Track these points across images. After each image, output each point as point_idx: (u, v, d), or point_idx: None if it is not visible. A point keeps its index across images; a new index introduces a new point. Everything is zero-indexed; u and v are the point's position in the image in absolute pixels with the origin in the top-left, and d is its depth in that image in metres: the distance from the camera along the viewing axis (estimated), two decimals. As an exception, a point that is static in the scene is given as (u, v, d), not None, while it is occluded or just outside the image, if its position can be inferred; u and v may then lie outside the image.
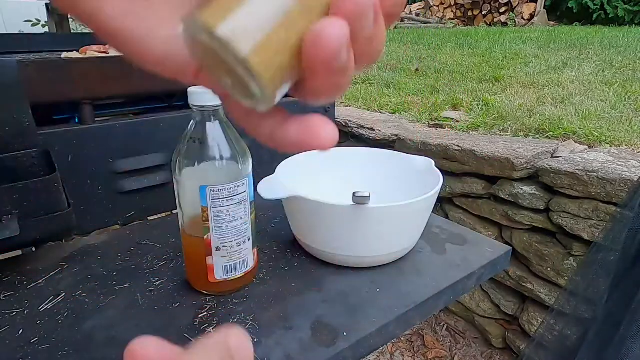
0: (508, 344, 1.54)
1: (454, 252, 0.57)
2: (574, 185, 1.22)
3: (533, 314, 1.43)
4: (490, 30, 5.14)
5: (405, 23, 6.77)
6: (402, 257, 0.55)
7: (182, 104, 0.72)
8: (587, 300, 0.90)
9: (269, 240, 0.59)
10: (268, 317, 0.44)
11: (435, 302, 0.49)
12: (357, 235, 0.49)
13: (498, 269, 0.56)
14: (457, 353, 1.59)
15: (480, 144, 1.46)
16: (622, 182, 1.13)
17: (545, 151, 1.38)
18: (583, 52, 3.18)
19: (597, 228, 1.21)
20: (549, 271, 1.35)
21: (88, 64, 0.54)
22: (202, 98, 0.41)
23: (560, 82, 2.35)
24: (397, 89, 2.51)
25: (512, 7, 6.22)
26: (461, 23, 6.73)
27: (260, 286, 0.49)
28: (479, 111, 2.00)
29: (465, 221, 1.59)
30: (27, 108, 0.49)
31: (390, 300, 0.46)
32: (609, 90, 2.10)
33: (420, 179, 0.58)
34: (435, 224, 0.64)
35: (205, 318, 0.44)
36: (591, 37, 3.88)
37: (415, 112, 2.09)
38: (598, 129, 1.61)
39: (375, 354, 1.58)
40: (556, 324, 1.00)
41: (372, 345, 0.43)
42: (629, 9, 5.36)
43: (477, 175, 1.49)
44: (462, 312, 1.70)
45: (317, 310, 0.45)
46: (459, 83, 2.53)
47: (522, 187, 1.37)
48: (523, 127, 1.74)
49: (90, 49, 0.78)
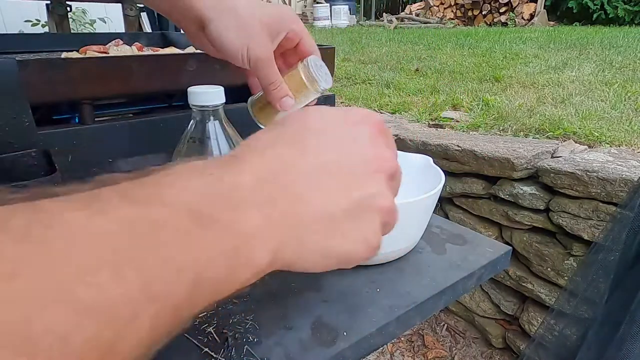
0: (508, 344, 1.54)
1: (454, 252, 0.57)
2: (574, 185, 1.22)
3: (533, 314, 1.43)
4: (490, 30, 5.14)
5: (405, 23, 6.77)
6: (402, 257, 0.55)
7: (182, 104, 0.72)
8: (587, 300, 0.90)
9: (269, 240, 0.59)
10: (268, 317, 0.44)
11: (435, 302, 0.49)
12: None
13: (498, 269, 0.56)
14: (457, 353, 1.59)
15: (480, 144, 1.46)
16: (622, 182, 1.13)
17: (545, 151, 1.38)
18: (583, 52, 3.18)
19: (597, 228, 1.21)
20: (549, 271, 1.35)
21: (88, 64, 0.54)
22: (202, 98, 0.41)
23: (560, 82, 2.35)
24: (397, 89, 2.51)
25: (512, 7, 6.22)
26: (461, 23, 6.73)
27: (260, 286, 0.49)
28: (479, 111, 2.00)
29: (465, 221, 1.59)
30: (27, 108, 0.49)
31: (390, 300, 0.46)
32: (609, 90, 2.10)
33: (420, 176, 0.58)
34: (435, 224, 0.64)
35: (205, 318, 0.44)
36: (591, 37, 3.89)
37: (415, 112, 2.09)
38: (598, 129, 1.61)
39: (375, 354, 1.58)
40: (556, 324, 1.00)
41: (372, 345, 0.43)
42: (629, 9, 5.36)
43: (477, 175, 1.49)
44: (462, 312, 1.70)
45: (317, 310, 0.45)
46: (459, 83, 2.53)
47: (522, 187, 1.37)
48: (523, 127, 1.74)
49: (90, 49, 0.78)
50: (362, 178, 0.24)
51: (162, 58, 0.60)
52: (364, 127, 0.26)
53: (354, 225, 0.23)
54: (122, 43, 0.87)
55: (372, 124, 0.27)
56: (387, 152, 0.26)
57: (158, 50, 0.82)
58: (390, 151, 0.27)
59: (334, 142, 0.25)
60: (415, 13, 7.20)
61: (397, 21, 6.64)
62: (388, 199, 0.25)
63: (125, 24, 1.45)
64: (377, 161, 0.25)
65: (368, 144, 0.25)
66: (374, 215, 0.24)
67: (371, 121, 0.27)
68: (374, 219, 0.24)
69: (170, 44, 0.99)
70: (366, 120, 0.27)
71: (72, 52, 0.78)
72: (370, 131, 0.26)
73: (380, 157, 0.26)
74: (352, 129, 0.26)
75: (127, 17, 1.44)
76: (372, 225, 0.24)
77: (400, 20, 6.82)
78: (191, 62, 0.59)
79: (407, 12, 7.40)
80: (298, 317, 0.44)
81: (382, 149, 0.26)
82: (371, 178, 0.25)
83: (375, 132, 0.26)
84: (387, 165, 0.26)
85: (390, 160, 0.26)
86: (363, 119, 0.27)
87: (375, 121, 0.27)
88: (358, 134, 0.26)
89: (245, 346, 0.40)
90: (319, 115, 0.26)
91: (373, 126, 0.26)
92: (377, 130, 0.27)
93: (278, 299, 0.47)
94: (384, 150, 0.26)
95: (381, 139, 0.27)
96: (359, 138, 0.25)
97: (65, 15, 1.37)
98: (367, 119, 0.27)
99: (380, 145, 0.26)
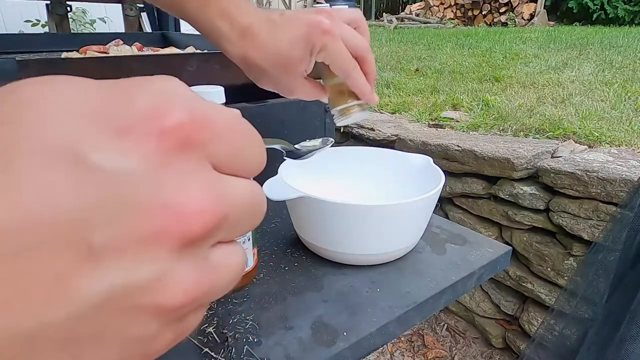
0: (508, 344, 1.54)
1: (454, 252, 0.57)
2: (574, 185, 1.22)
3: (533, 314, 1.43)
4: (490, 30, 5.14)
5: (405, 23, 6.77)
6: (402, 257, 0.55)
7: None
8: (587, 300, 0.90)
9: (269, 240, 0.59)
10: (268, 317, 0.44)
11: (435, 302, 0.49)
12: (365, 233, 0.49)
13: (498, 269, 0.56)
14: (457, 353, 1.59)
15: (480, 144, 1.46)
16: (622, 182, 1.13)
17: (545, 151, 1.38)
18: (583, 52, 3.18)
19: (597, 228, 1.21)
20: (549, 271, 1.35)
21: (88, 64, 0.54)
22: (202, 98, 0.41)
23: (560, 82, 2.35)
24: (397, 89, 2.51)
25: (512, 7, 6.22)
26: (461, 23, 6.73)
27: (260, 286, 0.49)
28: (479, 111, 2.00)
29: (465, 221, 1.59)
30: (27, 108, 0.49)
31: (390, 300, 0.46)
32: (609, 90, 2.10)
33: (420, 176, 0.59)
34: (435, 224, 0.64)
35: (205, 318, 0.44)
36: (591, 37, 3.88)
37: (415, 112, 2.09)
38: (598, 129, 1.61)
39: (375, 354, 1.58)
40: (556, 324, 1.00)
41: (372, 345, 0.43)
42: (629, 9, 5.36)
43: (477, 175, 1.49)
44: (462, 312, 1.70)
45: (317, 310, 0.45)
46: (459, 83, 2.53)
47: (522, 187, 1.37)
48: (523, 127, 1.74)
49: (90, 49, 0.78)
50: (122, 250, 0.12)
51: (162, 58, 0.60)
52: (144, 139, 0.12)
53: (93, 349, 0.12)
54: (122, 43, 0.87)
55: (166, 131, 0.13)
56: (193, 191, 0.13)
57: (158, 50, 0.82)
58: (198, 186, 0.13)
59: (60, 167, 0.11)
60: (415, 13, 7.20)
61: (397, 21, 6.64)
62: (179, 286, 0.13)
63: (125, 24, 1.45)
64: (157, 214, 0.12)
65: (143, 177, 0.12)
66: (144, 324, 0.13)
67: (167, 123, 0.13)
68: (144, 331, 0.13)
69: (170, 44, 0.99)
70: (154, 121, 0.13)
71: (72, 52, 0.78)
72: (157, 148, 0.13)
73: (169, 204, 0.12)
74: (111, 145, 0.12)
75: (127, 17, 1.44)
76: (137, 346, 0.13)
77: (400, 20, 6.82)
78: (191, 62, 0.59)
79: (407, 12, 7.40)
80: (298, 317, 0.44)
81: (179, 185, 0.13)
82: (142, 249, 0.12)
83: (172, 147, 0.13)
84: (183, 220, 0.12)
85: (190, 206, 0.13)
86: (148, 117, 0.13)
87: (175, 123, 0.13)
88: (125, 152, 0.12)
89: (245, 346, 0.40)
90: (47, 100, 0.12)
91: (170, 135, 0.13)
92: (179, 143, 0.13)
93: (278, 299, 0.47)
94: (184, 186, 0.13)
95: (186, 163, 0.13)
96: (126, 163, 0.12)
97: (65, 15, 1.37)
98: (158, 117, 0.13)
99: (175, 177, 0.13)
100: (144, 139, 0.12)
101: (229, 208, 0.14)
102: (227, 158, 0.14)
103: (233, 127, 0.15)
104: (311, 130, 0.78)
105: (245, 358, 0.39)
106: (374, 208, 0.47)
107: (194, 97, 0.15)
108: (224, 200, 0.14)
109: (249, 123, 0.16)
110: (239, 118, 0.15)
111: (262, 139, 0.16)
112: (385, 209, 0.48)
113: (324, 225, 0.51)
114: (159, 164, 0.12)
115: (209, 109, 0.14)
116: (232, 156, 0.15)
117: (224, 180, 0.14)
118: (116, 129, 0.12)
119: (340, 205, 0.47)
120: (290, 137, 0.74)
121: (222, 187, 0.14)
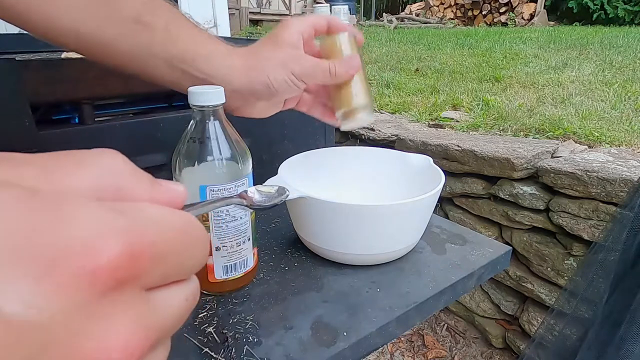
0: (508, 344, 1.54)
1: (454, 252, 0.57)
2: (574, 185, 1.22)
3: (533, 314, 1.43)
4: (490, 30, 5.14)
5: (405, 23, 6.77)
6: (402, 257, 0.55)
7: (182, 104, 0.72)
8: (587, 300, 0.90)
9: (269, 240, 0.59)
10: (268, 317, 0.44)
11: (435, 302, 0.49)
12: (365, 233, 0.49)
13: (498, 269, 0.56)
14: (457, 353, 1.59)
15: (480, 144, 1.46)
16: (622, 182, 1.13)
17: (545, 151, 1.38)
18: (583, 52, 3.18)
19: (597, 228, 1.21)
20: (549, 271, 1.35)
21: (88, 64, 0.54)
22: (202, 98, 0.41)
23: (560, 82, 2.35)
24: (397, 89, 2.51)
25: (512, 7, 6.22)
26: (461, 23, 6.73)
27: (260, 286, 0.49)
28: (479, 111, 2.00)
29: (465, 221, 1.59)
30: (27, 108, 0.49)
31: (390, 300, 0.46)
32: (609, 90, 2.10)
33: (420, 176, 0.59)
34: (435, 224, 0.64)
35: (205, 318, 0.44)
36: (591, 37, 3.88)
37: (415, 112, 2.09)
38: (598, 129, 1.61)
39: (375, 354, 1.58)
40: (556, 324, 1.00)
41: (372, 345, 0.43)
42: (629, 9, 5.36)
43: (477, 175, 1.49)
44: (462, 312, 1.70)
45: (317, 310, 0.45)
46: (459, 83, 2.53)
47: (522, 187, 1.37)
48: (523, 127, 1.74)
49: (90, 49, 0.78)
50: None
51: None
52: (71, 281, 0.11)
53: None
54: (122, 43, 0.87)
55: (97, 271, 0.11)
56: (119, 334, 0.12)
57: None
58: (127, 323, 0.12)
59: None
60: (415, 13, 7.20)
61: (397, 21, 6.64)
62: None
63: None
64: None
65: (66, 326, 0.11)
66: None
67: (100, 262, 0.11)
68: None
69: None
70: (85, 257, 0.11)
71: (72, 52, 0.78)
72: (85, 290, 0.11)
73: (91, 356, 0.11)
74: None
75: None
76: None
77: (400, 20, 6.82)
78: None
79: (407, 12, 7.40)
80: (298, 317, 0.44)
81: (105, 328, 0.12)
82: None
83: (103, 288, 0.12)
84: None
85: (117, 349, 0.12)
86: (77, 253, 0.11)
87: (110, 260, 0.12)
88: (48, 296, 0.11)
89: (245, 346, 0.40)
90: None
91: (102, 275, 0.11)
92: (111, 282, 0.12)
93: (278, 299, 0.47)
94: (110, 328, 0.12)
95: (118, 299, 0.12)
96: (46, 311, 0.11)
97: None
98: (90, 253, 0.11)
99: (102, 320, 0.12)
100: (71, 281, 0.11)
101: (159, 332, 0.13)
102: (163, 277, 0.14)
103: (176, 244, 0.14)
104: (311, 131, 0.78)
105: (245, 358, 0.39)
106: (374, 208, 0.47)
107: (134, 189, 0.15)
108: (153, 327, 0.13)
109: (198, 228, 0.15)
110: (187, 228, 0.14)
111: (207, 244, 0.16)
112: (385, 209, 0.48)
113: (324, 225, 0.51)
114: (85, 306, 0.11)
115: (151, 227, 0.13)
116: (170, 274, 0.14)
117: (156, 300, 0.14)
118: (39, 269, 0.11)
119: (340, 205, 0.47)
120: (290, 137, 0.74)
121: (153, 313, 0.13)
